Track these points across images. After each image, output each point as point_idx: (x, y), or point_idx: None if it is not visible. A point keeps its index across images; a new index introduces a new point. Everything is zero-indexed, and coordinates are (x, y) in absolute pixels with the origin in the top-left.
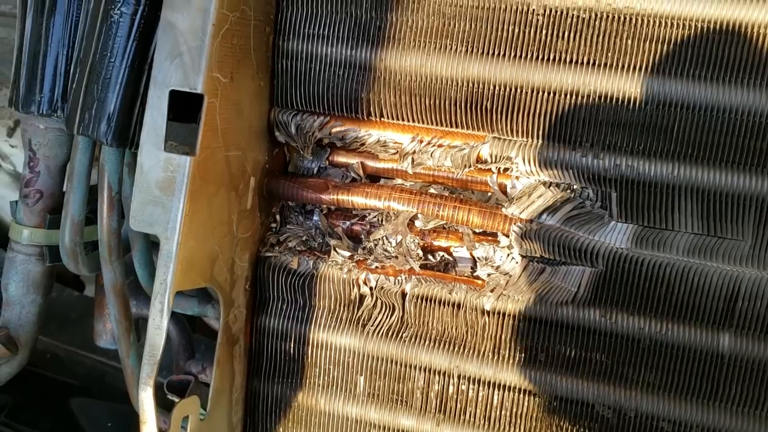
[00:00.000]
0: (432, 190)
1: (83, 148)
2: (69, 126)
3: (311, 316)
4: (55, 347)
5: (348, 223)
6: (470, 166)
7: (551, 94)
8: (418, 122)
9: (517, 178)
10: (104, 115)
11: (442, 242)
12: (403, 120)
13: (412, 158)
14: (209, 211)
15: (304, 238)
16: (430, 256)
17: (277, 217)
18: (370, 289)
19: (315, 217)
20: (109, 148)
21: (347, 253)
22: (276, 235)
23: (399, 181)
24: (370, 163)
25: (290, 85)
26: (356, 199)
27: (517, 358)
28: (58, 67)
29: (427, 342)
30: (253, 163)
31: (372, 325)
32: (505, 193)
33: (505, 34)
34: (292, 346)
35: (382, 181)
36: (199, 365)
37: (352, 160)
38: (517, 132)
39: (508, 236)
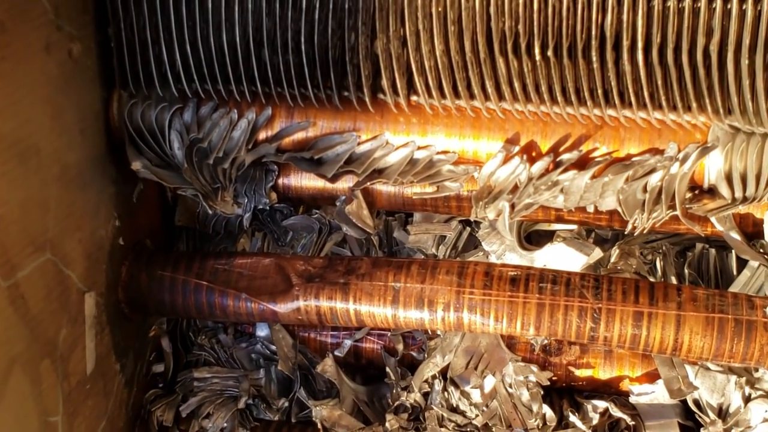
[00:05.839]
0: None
1: None
2: None
3: None
4: None
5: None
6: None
7: None
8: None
9: None
10: None
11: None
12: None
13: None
14: None
15: (240, 406)
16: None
17: (163, 344)
18: None
19: (261, 333)
20: None
21: None
22: (164, 400)
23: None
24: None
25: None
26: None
27: None
28: None
29: None
30: (84, 259)
31: None
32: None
33: None
34: None
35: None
36: None
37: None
38: None
39: None
